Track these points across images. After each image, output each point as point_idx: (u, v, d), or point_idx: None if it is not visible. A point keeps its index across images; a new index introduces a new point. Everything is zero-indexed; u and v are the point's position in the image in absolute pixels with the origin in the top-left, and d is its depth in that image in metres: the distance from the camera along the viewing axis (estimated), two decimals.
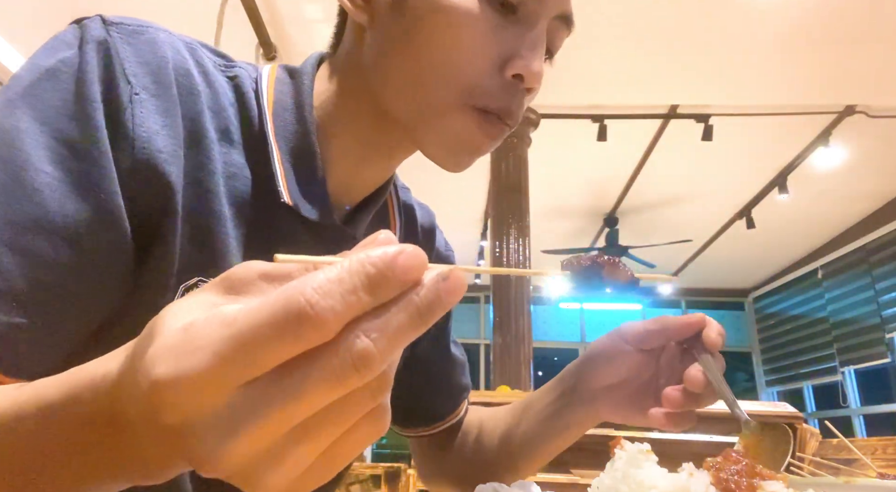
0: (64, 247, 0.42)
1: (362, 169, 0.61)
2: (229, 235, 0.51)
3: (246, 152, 0.54)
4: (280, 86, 0.58)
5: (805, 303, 7.82)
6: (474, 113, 0.53)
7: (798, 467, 0.72)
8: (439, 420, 0.80)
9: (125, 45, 0.48)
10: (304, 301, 0.22)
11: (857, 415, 6.85)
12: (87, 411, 0.29)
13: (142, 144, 0.46)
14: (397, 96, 0.55)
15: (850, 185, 5.83)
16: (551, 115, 4.46)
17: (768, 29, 3.73)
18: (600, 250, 6.82)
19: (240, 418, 0.23)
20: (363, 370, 0.23)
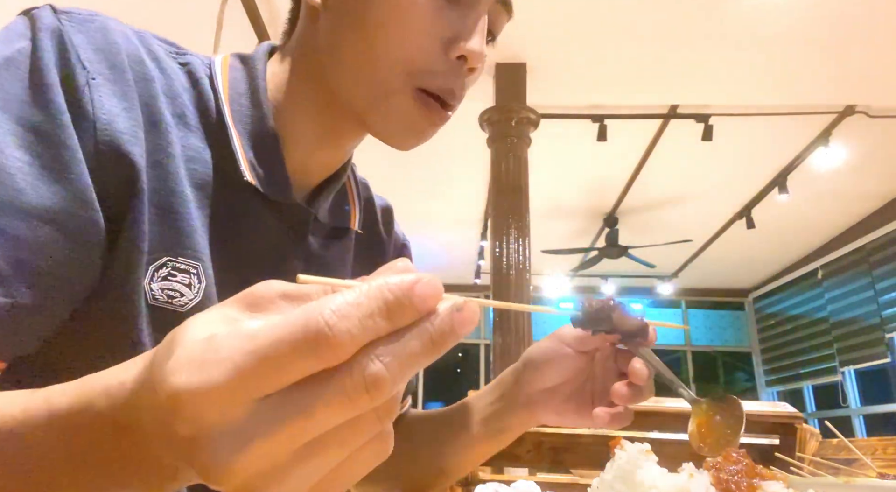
0: (42, 228, 0.43)
1: (320, 150, 0.63)
2: (192, 215, 0.53)
3: (204, 136, 0.56)
4: (234, 72, 0.59)
5: (805, 303, 7.82)
6: (418, 97, 0.55)
7: (798, 467, 0.72)
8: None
9: (77, 33, 0.48)
10: (323, 322, 0.23)
11: (857, 415, 6.85)
12: (99, 420, 0.29)
13: (103, 126, 0.47)
14: (348, 77, 0.57)
15: (850, 185, 5.83)
16: (551, 115, 4.46)
17: (768, 29, 3.73)
18: (601, 250, 6.83)
19: (252, 431, 0.24)
20: (374, 393, 0.24)
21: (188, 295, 0.52)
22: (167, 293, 0.51)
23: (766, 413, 1.10)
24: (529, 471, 2.70)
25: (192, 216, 0.53)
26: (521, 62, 4.07)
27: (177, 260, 0.51)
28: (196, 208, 0.53)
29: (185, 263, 0.52)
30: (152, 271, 0.50)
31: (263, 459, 0.24)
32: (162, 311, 0.51)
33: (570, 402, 0.62)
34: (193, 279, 0.52)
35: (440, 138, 0.87)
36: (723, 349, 9.22)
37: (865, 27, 3.69)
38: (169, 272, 0.51)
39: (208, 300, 0.53)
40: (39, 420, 0.31)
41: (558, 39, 3.90)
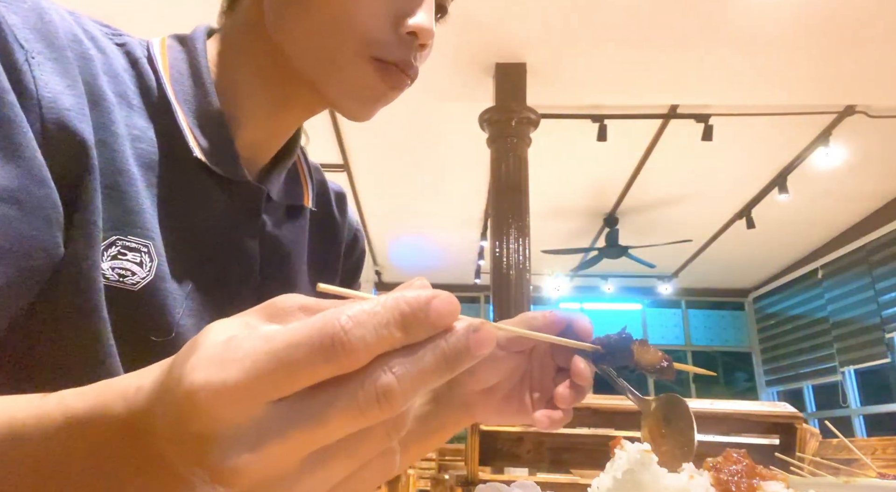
0: (3, 207, 0.43)
1: (268, 126, 0.63)
2: (140, 194, 0.53)
3: (147, 116, 0.55)
4: (173, 53, 0.59)
5: (805, 303, 7.82)
6: (375, 63, 0.56)
7: (798, 467, 0.72)
8: None
9: (11, 14, 0.47)
10: (339, 326, 0.23)
11: (857, 415, 6.85)
12: (115, 425, 0.29)
13: (48, 104, 0.47)
14: (303, 51, 0.57)
15: (850, 185, 5.83)
16: (551, 115, 4.46)
17: (768, 29, 3.73)
18: (601, 250, 6.83)
19: (264, 433, 0.24)
20: (384, 404, 0.24)
21: (140, 273, 0.52)
22: (118, 272, 0.51)
23: (766, 413, 1.10)
24: (529, 471, 2.70)
25: (140, 195, 0.52)
26: (521, 62, 4.07)
27: (126, 239, 0.51)
28: (144, 187, 0.53)
29: (134, 242, 0.52)
30: (102, 250, 0.50)
31: (272, 463, 0.24)
32: (114, 290, 0.50)
33: (508, 401, 0.59)
34: (144, 258, 0.52)
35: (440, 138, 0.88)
36: (723, 349, 9.22)
37: (865, 27, 3.69)
38: (119, 251, 0.51)
39: (160, 279, 0.53)
40: (54, 425, 0.31)
41: (558, 39, 3.90)
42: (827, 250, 7.26)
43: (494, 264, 3.93)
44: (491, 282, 3.93)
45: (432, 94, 4.51)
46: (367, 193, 6.22)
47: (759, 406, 1.12)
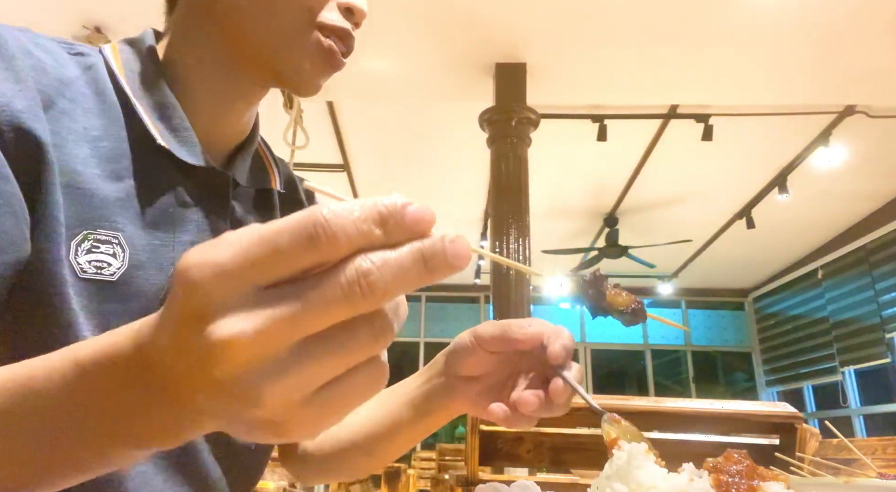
0: None
1: (224, 112, 0.66)
2: (102, 189, 0.55)
3: (107, 115, 0.58)
4: (124, 54, 0.63)
5: (805, 303, 7.82)
6: (318, 34, 0.62)
7: (798, 467, 0.72)
8: None
9: None
10: (321, 216, 0.25)
11: (857, 415, 6.85)
12: (122, 360, 0.31)
13: (2, 108, 0.49)
14: (254, 28, 0.62)
15: (850, 185, 5.83)
16: (551, 115, 4.46)
17: (768, 29, 3.73)
18: (601, 250, 6.83)
19: (253, 312, 0.25)
20: (366, 290, 0.25)
21: (115, 264, 0.54)
22: (94, 264, 0.53)
23: (766, 413, 1.10)
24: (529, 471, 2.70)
25: (102, 190, 0.55)
26: (521, 62, 4.07)
27: (96, 232, 0.54)
28: (108, 182, 0.56)
29: (104, 235, 0.54)
30: (74, 247, 0.53)
31: (261, 342, 0.25)
32: (93, 282, 0.53)
33: (485, 395, 0.61)
34: (116, 249, 0.55)
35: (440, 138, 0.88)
36: (723, 349, 9.22)
37: (865, 27, 3.69)
38: (92, 245, 0.53)
39: (135, 268, 0.55)
40: (65, 373, 0.32)
41: (558, 39, 3.90)
42: (827, 250, 7.26)
43: (494, 264, 3.93)
44: (491, 282, 3.93)
45: (432, 94, 4.51)
46: (367, 194, 6.22)
47: (759, 406, 1.12)
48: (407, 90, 4.43)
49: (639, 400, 1.20)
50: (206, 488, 0.62)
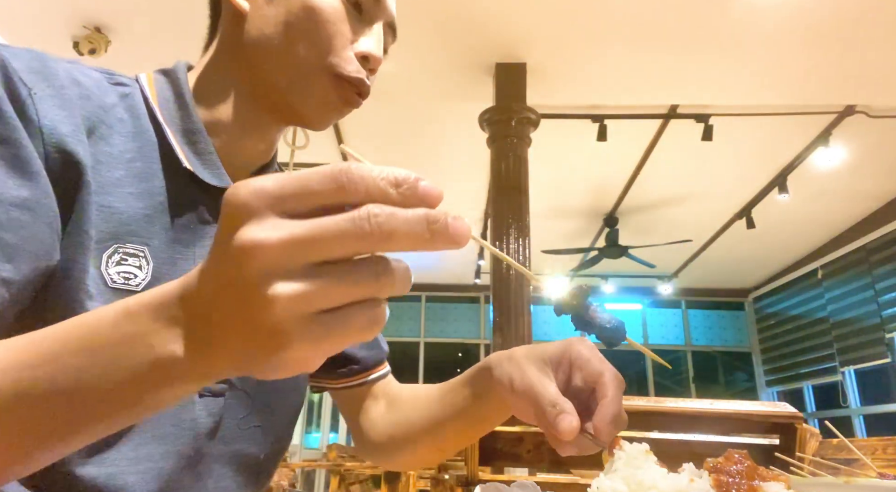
0: (13, 210, 0.50)
1: (246, 140, 0.72)
2: (133, 207, 0.60)
3: (141, 139, 0.64)
4: (159, 84, 0.69)
5: (805, 303, 7.82)
6: (332, 78, 0.67)
7: (798, 467, 0.72)
8: (363, 371, 0.86)
9: (15, 60, 0.56)
10: (347, 165, 0.30)
11: (857, 415, 6.85)
12: (168, 301, 0.35)
13: (49, 132, 0.55)
14: (273, 66, 0.67)
15: (850, 185, 5.83)
16: (551, 115, 4.46)
17: (768, 29, 3.73)
18: (601, 250, 6.83)
19: (279, 227, 0.30)
20: (374, 229, 0.29)
21: (140, 276, 0.60)
22: (123, 275, 0.58)
23: (766, 413, 1.10)
24: (529, 471, 2.70)
25: (132, 208, 0.60)
26: (521, 62, 4.07)
27: (125, 246, 0.59)
28: (138, 200, 0.61)
29: (132, 248, 0.59)
30: (106, 259, 0.58)
31: (282, 250, 0.29)
32: (121, 291, 0.58)
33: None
34: (142, 261, 0.60)
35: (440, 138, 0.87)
36: (723, 349, 9.22)
37: (865, 27, 3.69)
38: (121, 257, 0.58)
39: (157, 279, 0.60)
40: (116, 315, 0.36)
41: (558, 39, 3.90)
42: (827, 250, 7.26)
43: (494, 264, 3.93)
44: (491, 282, 3.93)
45: (432, 94, 4.51)
46: None
47: (759, 406, 1.12)
48: (407, 90, 4.43)
49: (639, 400, 1.20)
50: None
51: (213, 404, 0.65)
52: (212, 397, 0.65)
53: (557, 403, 0.53)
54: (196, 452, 0.63)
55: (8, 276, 0.49)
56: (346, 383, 0.87)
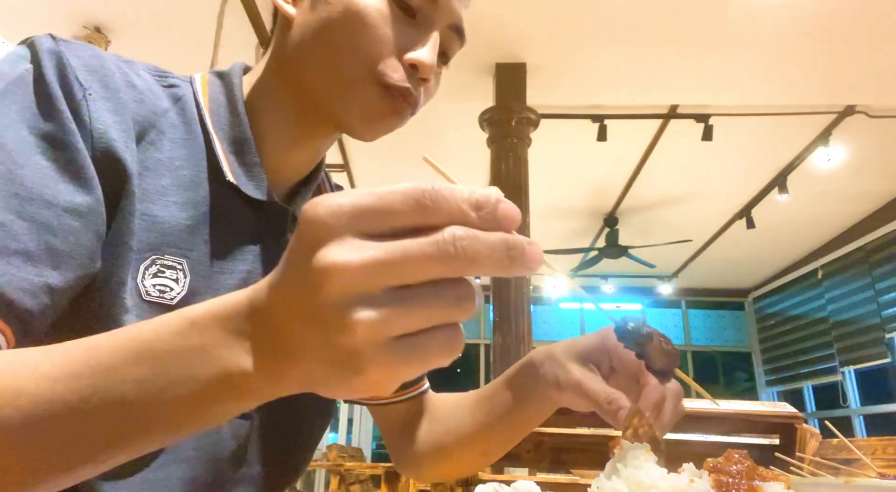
0: (65, 216, 0.49)
1: (293, 151, 0.69)
2: (175, 217, 0.58)
3: (190, 146, 0.62)
4: (212, 87, 0.66)
5: (805, 303, 7.82)
6: (379, 87, 0.62)
7: (798, 467, 0.72)
8: (403, 389, 0.84)
9: (73, 57, 0.54)
10: (429, 186, 0.30)
11: (857, 415, 6.85)
12: (236, 313, 0.35)
13: (99, 135, 0.53)
14: (316, 74, 0.64)
15: (850, 185, 5.83)
16: (551, 115, 4.46)
17: (768, 29, 3.73)
18: (601, 250, 6.83)
19: (360, 249, 0.29)
20: (459, 253, 0.29)
21: (176, 289, 0.57)
22: (158, 288, 0.56)
23: (766, 413, 1.10)
24: (529, 471, 2.70)
25: (174, 218, 0.58)
26: (521, 62, 4.07)
27: (163, 257, 0.57)
28: (182, 210, 0.59)
29: (170, 260, 0.57)
30: (143, 270, 0.56)
31: (363, 274, 0.28)
32: (155, 305, 0.56)
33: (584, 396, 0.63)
34: (179, 274, 0.58)
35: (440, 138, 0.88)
36: (723, 349, 9.22)
37: (865, 27, 3.69)
38: (158, 269, 0.56)
39: (193, 294, 0.58)
40: (178, 325, 0.35)
41: (558, 39, 3.90)
42: (827, 250, 7.25)
43: None
44: (491, 282, 3.93)
45: None
46: None
47: (759, 406, 1.12)
48: None
49: None
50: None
51: (241, 427, 0.63)
52: (239, 420, 0.63)
53: (612, 399, 0.56)
54: (217, 477, 0.61)
55: (54, 283, 0.48)
56: (384, 400, 0.85)
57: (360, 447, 6.82)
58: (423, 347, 0.30)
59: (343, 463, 4.28)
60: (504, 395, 0.71)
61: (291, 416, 0.68)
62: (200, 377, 0.34)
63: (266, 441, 0.66)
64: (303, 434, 0.71)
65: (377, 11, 0.61)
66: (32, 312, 0.46)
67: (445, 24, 0.65)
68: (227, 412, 0.36)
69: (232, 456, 0.62)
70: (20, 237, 0.46)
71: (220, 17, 3.33)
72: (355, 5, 0.60)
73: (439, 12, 0.64)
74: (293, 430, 0.69)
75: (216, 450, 0.60)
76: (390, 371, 0.30)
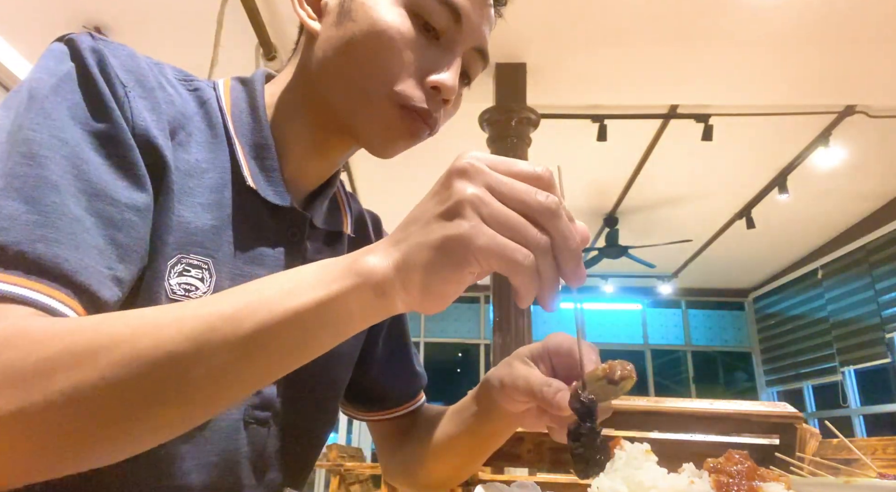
0: (127, 211, 0.51)
1: (312, 160, 0.70)
2: (201, 218, 0.59)
3: (214, 149, 0.63)
4: (235, 93, 0.68)
5: (805, 303, 7.82)
6: (399, 108, 0.62)
7: (798, 467, 0.72)
8: (397, 406, 0.86)
9: (111, 56, 0.56)
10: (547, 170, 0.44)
11: (857, 415, 6.85)
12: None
13: (141, 132, 0.55)
14: (337, 90, 0.64)
15: (850, 185, 5.83)
16: (551, 115, 4.46)
17: (768, 29, 3.73)
18: (601, 250, 6.83)
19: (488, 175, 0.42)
20: (552, 205, 0.42)
21: (202, 288, 0.58)
22: (184, 287, 0.57)
23: (766, 413, 1.10)
24: (529, 471, 2.70)
25: (200, 219, 0.59)
26: (521, 62, 4.07)
27: (189, 257, 0.58)
28: (207, 212, 0.60)
29: (196, 260, 0.58)
30: (169, 269, 0.57)
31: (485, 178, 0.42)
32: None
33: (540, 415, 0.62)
34: (205, 274, 0.59)
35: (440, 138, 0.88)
36: (723, 349, 9.22)
37: (865, 27, 3.69)
38: (184, 268, 0.57)
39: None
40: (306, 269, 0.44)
41: (558, 39, 3.90)
42: (827, 250, 7.25)
43: None
44: (491, 282, 3.93)
45: None
46: (367, 194, 6.22)
47: (759, 406, 1.12)
48: None
49: (639, 400, 1.20)
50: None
51: (257, 434, 0.64)
52: (256, 426, 0.64)
53: (550, 382, 0.56)
54: (235, 483, 0.62)
55: (121, 275, 0.50)
56: (379, 416, 0.86)
57: (360, 447, 6.82)
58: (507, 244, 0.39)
59: (343, 463, 4.28)
60: (469, 409, 0.72)
61: (303, 422, 0.69)
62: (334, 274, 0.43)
63: (283, 447, 0.67)
64: (311, 439, 0.72)
65: (400, 33, 0.61)
66: (109, 302, 0.49)
67: (470, 46, 0.65)
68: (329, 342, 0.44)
69: (249, 462, 0.63)
70: (93, 232, 0.48)
71: (220, 17, 3.33)
72: (379, 25, 0.60)
73: (464, 34, 0.64)
74: (303, 434, 0.70)
75: (236, 456, 0.61)
76: (485, 251, 0.39)
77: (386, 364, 0.86)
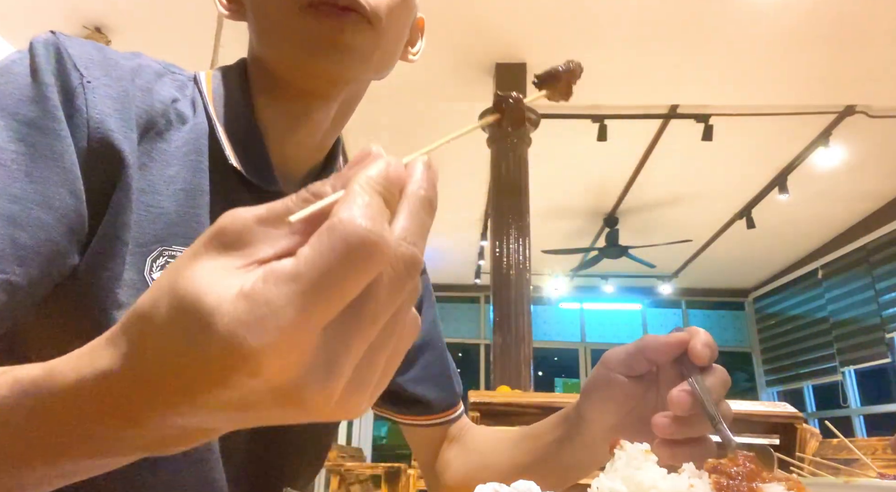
0: (34, 209, 0.47)
1: (295, 134, 0.66)
2: (182, 206, 0.57)
3: (196, 136, 0.61)
4: (215, 81, 0.66)
5: (805, 303, 7.82)
6: (306, 13, 0.56)
7: (798, 467, 0.72)
8: (436, 412, 0.82)
9: (73, 47, 0.53)
10: (366, 232, 0.24)
11: (857, 415, 6.85)
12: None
13: (96, 125, 0.51)
14: (264, 40, 0.63)
15: (850, 185, 5.83)
16: (551, 115, 4.46)
17: (768, 29, 3.73)
18: (601, 250, 6.83)
19: (333, 354, 0.25)
20: (413, 273, 0.26)
21: None
22: None
23: (766, 413, 1.10)
24: None
25: (180, 209, 0.56)
26: (521, 62, 4.07)
27: (171, 249, 0.55)
28: (187, 199, 0.57)
29: (178, 251, 0.55)
30: (150, 263, 0.54)
31: (347, 372, 0.25)
32: None
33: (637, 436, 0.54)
34: None
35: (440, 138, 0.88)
36: (723, 349, 8.97)
37: (865, 27, 3.69)
38: (166, 260, 0.55)
39: None
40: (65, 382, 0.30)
41: (558, 39, 3.90)
42: (827, 250, 7.26)
43: (494, 264, 3.93)
44: (491, 282, 3.93)
45: (432, 94, 4.51)
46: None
47: (759, 406, 1.12)
48: (407, 90, 4.43)
49: None
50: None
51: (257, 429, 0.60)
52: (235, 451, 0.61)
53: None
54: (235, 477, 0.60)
55: (16, 280, 0.45)
56: (414, 420, 0.82)
57: (360, 447, 6.82)
58: (396, 354, 0.28)
59: (343, 463, 4.28)
60: (544, 437, 0.67)
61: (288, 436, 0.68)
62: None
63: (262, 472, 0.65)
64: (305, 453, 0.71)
65: None
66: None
67: None
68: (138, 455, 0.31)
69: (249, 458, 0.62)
70: None
71: (221, 16, 3.33)
72: None
73: None
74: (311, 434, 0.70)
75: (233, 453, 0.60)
76: (381, 388, 0.28)
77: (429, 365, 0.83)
